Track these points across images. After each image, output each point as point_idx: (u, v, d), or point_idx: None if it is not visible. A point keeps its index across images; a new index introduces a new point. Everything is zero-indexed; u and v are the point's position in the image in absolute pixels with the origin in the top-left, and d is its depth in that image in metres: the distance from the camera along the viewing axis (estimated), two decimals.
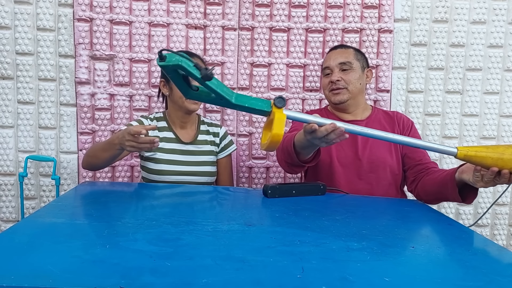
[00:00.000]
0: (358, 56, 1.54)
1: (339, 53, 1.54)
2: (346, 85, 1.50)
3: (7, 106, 1.74)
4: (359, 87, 1.52)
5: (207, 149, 1.60)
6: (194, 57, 1.54)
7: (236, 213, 1.08)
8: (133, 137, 1.15)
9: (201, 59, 1.60)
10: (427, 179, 1.38)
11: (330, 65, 1.53)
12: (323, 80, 1.58)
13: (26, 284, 0.59)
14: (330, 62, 1.53)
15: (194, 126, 1.63)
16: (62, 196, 1.23)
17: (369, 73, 1.58)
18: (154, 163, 1.53)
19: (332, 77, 1.51)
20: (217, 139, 1.64)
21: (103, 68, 1.76)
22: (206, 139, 1.62)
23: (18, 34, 1.71)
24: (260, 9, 1.80)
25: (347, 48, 1.56)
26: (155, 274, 0.65)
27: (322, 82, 1.58)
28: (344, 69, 1.51)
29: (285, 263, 0.72)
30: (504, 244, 1.94)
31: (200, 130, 1.62)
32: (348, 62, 1.51)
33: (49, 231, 0.86)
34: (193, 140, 1.59)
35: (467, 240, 0.93)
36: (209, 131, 1.64)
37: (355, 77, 1.51)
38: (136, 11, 1.75)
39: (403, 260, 0.76)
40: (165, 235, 0.85)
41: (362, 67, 1.54)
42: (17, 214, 1.80)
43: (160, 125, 1.58)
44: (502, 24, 1.86)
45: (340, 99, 1.51)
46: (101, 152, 1.34)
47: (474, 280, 0.69)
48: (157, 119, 1.59)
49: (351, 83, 1.50)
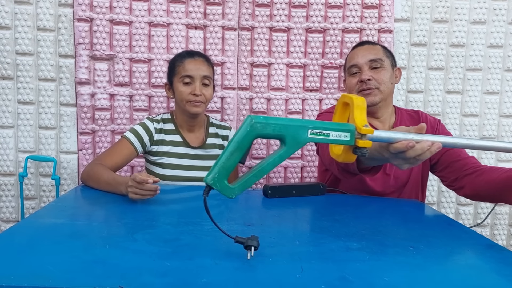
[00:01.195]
0: (387, 53, 1.41)
1: (367, 50, 1.39)
2: (378, 85, 1.35)
3: (7, 106, 1.74)
4: (390, 88, 1.38)
5: (215, 153, 1.55)
6: (195, 56, 1.49)
7: (236, 213, 1.08)
8: (138, 184, 1.10)
9: (204, 55, 1.53)
10: (482, 180, 1.21)
11: (359, 62, 1.37)
12: (349, 80, 1.41)
13: (26, 284, 0.59)
14: (358, 59, 1.38)
15: (203, 129, 1.57)
16: (62, 197, 1.23)
17: (398, 73, 1.45)
18: (161, 168, 1.49)
19: (363, 76, 1.35)
20: (225, 142, 1.59)
21: (103, 68, 1.76)
22: (215, 143, 1.57)
23: (18, 34, 1.71)
24: (260, 9, 1.80)
25: (374, 44, 1.43)
26: (154, 274, 0.65)
27: (349, 83, 1.41)
28: (374, 67, 1.36)
29: (285, 263, 0.72)
30: (504, 244, 1.94)
31: (209, 133, 1.57)
32: (379, 59, 1.36)
33: (49, 232, 0.86)
34: (202, 144, 1.54)
35: (467, 240, 0.93)
36: (218, 134, 1.59)
37: (387, 76, 1.36)
38: (136, 11, 1.75)
39: (402, 260, 0.76)
40: (165, 235, 0.85)
41: (392, 66, 1.41)
42: (17, 214, 1.80)
43: (167, 127, 1.52)
44: (502, 24, 1.86)
45: (372, 100, 1.34)
46: (105, 185, 1.26)
47: (474, 280, 0.69)
48: (164, 121, 1.53)
49: (383, 82, 1.35)
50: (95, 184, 1.29)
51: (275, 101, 1.83)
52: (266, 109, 1.84)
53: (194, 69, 1.45)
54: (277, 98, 1.83)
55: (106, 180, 1.25)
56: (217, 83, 1.81)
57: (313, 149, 1.86)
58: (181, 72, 1.45)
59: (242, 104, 1.83)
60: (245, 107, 1.83)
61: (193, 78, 1.45)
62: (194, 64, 1.46)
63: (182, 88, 1.45)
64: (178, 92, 1.46)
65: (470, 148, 0.85)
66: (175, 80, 1.47)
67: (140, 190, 1.10)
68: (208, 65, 1.50)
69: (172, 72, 1.50)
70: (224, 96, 1.82)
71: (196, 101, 1.45)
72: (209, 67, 1.50)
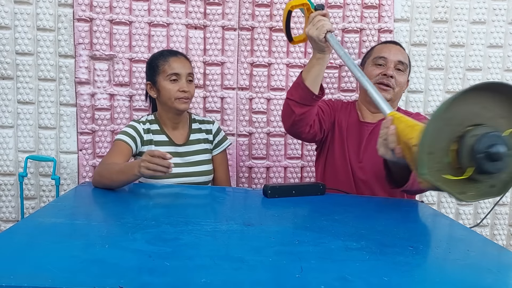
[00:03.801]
0: (409, 63, 1.50)
1: (399, 50, 1.46)
2: (395, 86, 1.41)
3: (7, 106, 1.74)
4: (401, 93, 1.48)
5: (200, 148, 1.58)
6: (178, 55, 1.53)
7: (235, 213, 1.08)
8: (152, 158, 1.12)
9: (184, 54, 1.58)
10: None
11: (389, 58, 1.42)
12: (371, 69, 1.45)
13: (25, 284, 0.59)
14: (389, 55, 1.43)
15: (186, 126, 1.60)
16: (62, 197, 1.23)
17: (407, 83, 1.53)
18: None
19: (388, 71, 1.40)
20: (210, 136, 1.62)
21: (103, 68, 1.76)
22: (199, 138, 1.60)
23: (18, 34, 1.71)
24: (260, 9, 1.80)
25: (403, 49, 1.50)
26: (154, 274, 0.65)
27: (370, 71, 1.44)
28: (398, 69, 1.42)
29: (284, 262, 0.72)
30: (504, 244, 1.94)
31: (192, 129, 1.60)
32: (405, 64, 1.44)
33: (49, 231, 0.86)
34: (186, 141, 1.57)
35: (466, 240, 0.93)
36: (201, 128, 1.62)
37: (403, 82, 1.44)
38: (136, 11, 1.75)
39: (402, 260, 0.76)
40: (164, 235, 0.85)
41: (408, 74, 1.50)
42: (17, 214, 1.80)
43: (153, 128, 1.55)
44: (502, 24, 1.86)
45: (384, 96, 1.37)
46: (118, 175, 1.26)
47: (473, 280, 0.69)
48: (150, 122, 1.55)
49: (400, 85, 1.43)
50: (108, 180, 1.29)
51: (275, 101, 1.83)
52: (266, 109, 1.84)
53: (180, 67, 1.49)
54: (277, 98, 1.83)
55: (118, 170, 1.28)
56: (217, 83, 1.81)
57: (313, 149, 1.86)
58: (168, 70, 1.48)
59: (242, 104, 1.83)
60: (245, 107, 1.83)
61: (179, 76, 1.49)
62: (179, 62, 1.50)
63: (170, 85, 1.48)
64: (166, 90, 1.48)
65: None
66: (160, 79, 1.50)
67: (154, 165, 1.13)
68: (189, 63, 1.55)
69: (155, 71, 1.51)
70: (224, 96, 1.82)
71: (184, 97, 1.49)
72: (190, 65, 1.56)
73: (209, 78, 1.81)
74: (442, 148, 0.70)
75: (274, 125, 1.85)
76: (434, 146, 0.70)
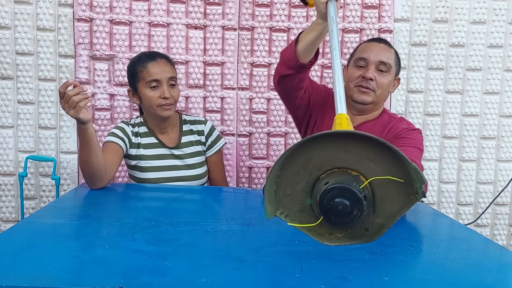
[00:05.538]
0: (397, 61, 1.39)
1: (382, 50, 1.36)
2: (376, 88, 1.33)
3: (7, 106, 1.74)
4: (385, 95, 1.38)
5: (193, 151, 1.51)
6: (157, 58, 1.43)
7: (235, 213, 1.08)
8: (65, 96, 1.10)
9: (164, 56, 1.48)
10: None
11: (369, 58, 1.33)
12: (351, 70, 1.38)
13: (25, 284, 0.59)
14: (370, 55, 1.34)
15: (176, 129, 1.52)
16: (62, 197, 1.23)
17: (397, 82, 1.43)
18: (139, 172, 1.45)
19: (367, 73, 1.32)
20: (202, 137, 1.54)
21: (103, 68, 1.76)
22: (191, 140, 1.52)
23: (18, 34, 1.71)
24: (260, 9, 1.80)
25: (390, 47, 1.39)
26: (154, 274, 0.65)
27: (350, 73, 1.38)
28: (380, 70, 1.34)
29: (284, 262, 0.72)
30: (504, 244, 1.94)
31: (183, 132, 1.52)
32: (388, 64, 1.34)
33: (49, 232, 0.86)
34: (177, 144, 1.49)
35: (466, 240, 0.93)
36: (192, 130, 1.53)
37: (386, 83, 1.35)
38: (136, 11, 1.75)
39: (402, 260, 0.76)
40: (164, 235, 0.85)
41: (395, 74, 1.39)
42: (17, 214, 1.80)
43: (141, 130, 1.48)
44: (502, 24, 1.86)
45: (363, 99, 1.34)
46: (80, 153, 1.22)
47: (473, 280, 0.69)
48: (138, 125, 1.49)
49: (382, 87, 1.34)
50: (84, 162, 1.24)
51: (275, 101, 1.83)
52: (266, 109, 1.84)
53: (159, 72, 1.40)
54: (277, 98, 1.83)
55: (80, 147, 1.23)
56: (217, 83, 1.81)
57: None
58: (146, 77, 1.39)
59: (242, 104, 1.83)
60: (245, 107, 1.83)
61: (160, 82, 1.39)
62: (158, 67, 1.40)
63: (150, 93, 1.40)
64: (147, 98, 1.41)
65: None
66: (140, 86, 1.41)
67: (71, 101, 1.11)
68: (171, 65, 1.45)
69: (134, 78, 1.43)
70: (224, 96, 1.82)
71: (166, 104, 1.40)
72: (172, 67, 1.46)
73: (209, 78, 1.81)
74: (301, 190, 0.67)
75: (274, 125, 1.85)
76: (292, 188, 0.67)
